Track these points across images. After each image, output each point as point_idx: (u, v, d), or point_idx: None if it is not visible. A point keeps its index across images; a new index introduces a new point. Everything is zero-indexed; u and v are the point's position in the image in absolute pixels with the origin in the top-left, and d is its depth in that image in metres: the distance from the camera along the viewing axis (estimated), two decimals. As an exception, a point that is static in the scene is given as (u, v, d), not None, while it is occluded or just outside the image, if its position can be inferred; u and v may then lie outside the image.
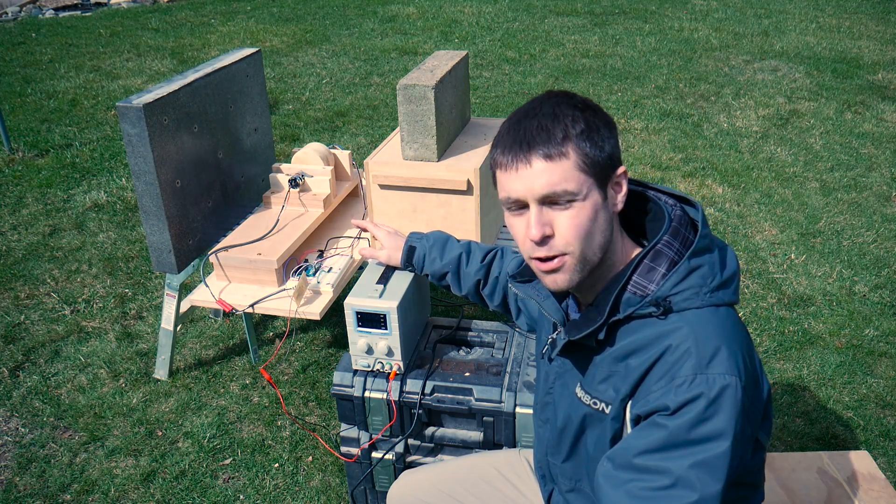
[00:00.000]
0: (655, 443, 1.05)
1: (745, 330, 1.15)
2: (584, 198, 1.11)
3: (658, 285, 1.12)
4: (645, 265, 1.13)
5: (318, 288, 2.43)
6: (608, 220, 1.15)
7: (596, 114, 1.15)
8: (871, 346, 2.93)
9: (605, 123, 1.15)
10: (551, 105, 1.14)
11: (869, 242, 3.62)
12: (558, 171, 1.10)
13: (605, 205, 1.14)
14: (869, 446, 2.46)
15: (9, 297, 3.34)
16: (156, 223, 2.39)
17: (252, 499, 2.35)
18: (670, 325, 1.10)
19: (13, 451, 2.54)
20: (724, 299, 1.12)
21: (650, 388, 1.08)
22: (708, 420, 1.03)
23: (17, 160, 4.63)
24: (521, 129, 1.14)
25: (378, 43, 6.89)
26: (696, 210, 1.19)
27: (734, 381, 1.04)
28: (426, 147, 2.39)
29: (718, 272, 1.13)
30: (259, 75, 2.79)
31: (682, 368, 1.06)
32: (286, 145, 4.72)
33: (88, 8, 8.61)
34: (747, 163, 4.46)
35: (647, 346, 1.11)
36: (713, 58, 6.34)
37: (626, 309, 1.13)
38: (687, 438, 1.04)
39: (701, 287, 1.11)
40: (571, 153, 1.11)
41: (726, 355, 1.06)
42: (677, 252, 1.13)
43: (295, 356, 2.94)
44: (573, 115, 1.12)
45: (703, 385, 1.04)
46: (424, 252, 1.82)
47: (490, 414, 1.82)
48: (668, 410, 1.05)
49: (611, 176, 1.15)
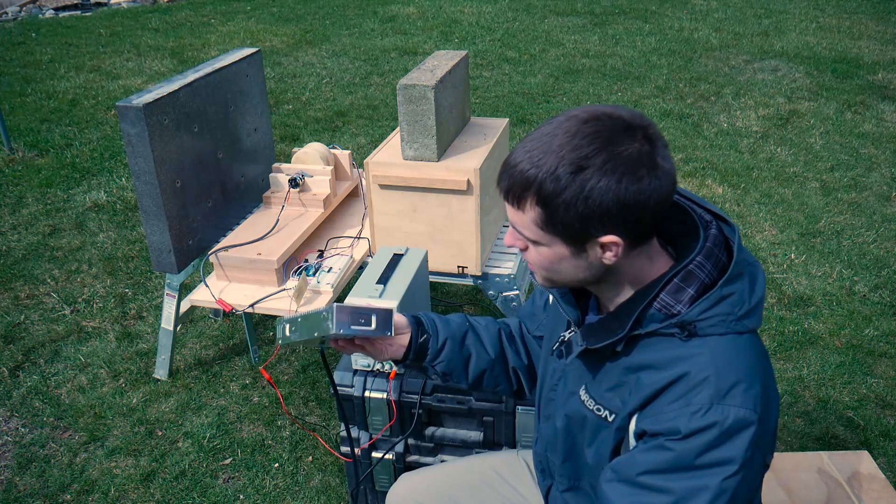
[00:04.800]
0: (661, 464, 1.05)
1: (765, 357, 1.12)
2: (546, 244, 1.10)
3: (686, 306, 1.08)
4: (674, 284, 1.09)
5: (318, 288, 2.43)
6: (584, 268, 1.11)
7: (591, 181, 1.00)
8: (871, 346, 2.93)
9: (598, 196, 1.01)
10: (555, 154, 1.02)
11: (869, 242, 3.62)
12: (519, 217, 1.09)
13: (581, 256, 1.09)
14: (869, 446, 2.46)
15: (9, 297, 3.34)
16: (156, 223, 2.39)
17: (252, 499, 2.35)
18: (691, 349, 1.07)
19: (13, 451, 2.54)
20: (749, 326, 1.09)
21: (663, 409, 1.07)
22: (717, 448, 1.03)
23: (17, 160, 4.62)
24: (513, 162, 1.07)
25: (378, 43, 6.89)
26: (731, 230, 1.14)
27: (750, 414, 1.03)
28: (426, 147, 2.39)
29: (747, 300, 1.09)
30: (259, 75, 2.79)
31: (699, 396, 1.04)
32: (286, 145, 4.71)
33: (88, 8, 8.61)
34: (747, 163, 4.46)
35: (663, 366, 1.09)
36: (713, 58, 6.34)
37: (650, 325, 1.10)
38: (693, 464, 1.04)
39: (728, 315, 1.08)
40: (530, 211, 1.06)
41: (744, 388, 1.04)
42: (708, 274, 1.09)
43: (295, 356, 2.94)
44: (556, 175, 1.01)
45: (718, 415, 1.03)
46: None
47: (490, 414, 1.82)
48: (679, 435, 1.04)
49: (586, 240, 1.07)
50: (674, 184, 1.06)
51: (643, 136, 1.02)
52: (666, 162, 1.04)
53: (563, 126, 1.04)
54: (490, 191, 2.53)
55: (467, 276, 2.51)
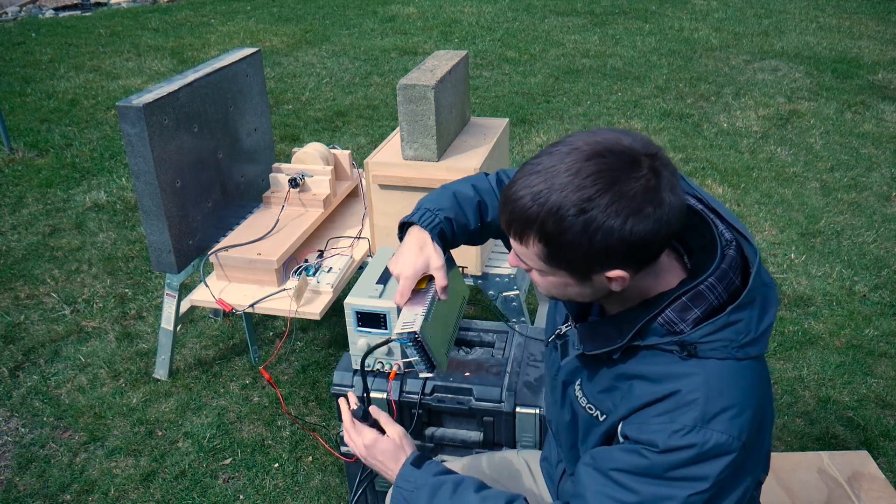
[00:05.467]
0: (634, 467, 1.07)
1: (764, 383, 1.11)
2: (550, 275, 1.10)
3: (690, 326, 1.07)
4: (682, 303, 1.07)
5: (318, 288, 2.43)
6: (589, 294, 1.12)
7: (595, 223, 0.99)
8: (871, 346, 2.93)
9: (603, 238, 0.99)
10: (557, 193, 1.00)
11: (869, 242, 3.62)
12: (522, 249, 1.08)
13: (586, 284, 1.09)
14: (869, 446, 2.46)
15: (9, 297, 3.34)
16: (156, 223, 2.39)
17: (252, 499, 2.35)
18: (687, 367, 1.07)
19: (13, 451, 2.54)
20: (751, 353, 1.07)
21: (647, 420, 1.08)
22: (690, 466, 1.04)
23: (17, 160, 4.62)
24: (517, 191, 1.04)
25: (378, 43, 6.89)
26: (753, 251, 1.11)
27: (732, 442, 1.03)
28: (426, 147, 2.39)
29: (754, 328, 1.07)
30: (259, 75, 2.79)
31: (684, 416, 1.04)
32: (286, 145, 4.71)
33: (88, 8, 8.61)
34: (747, 163, 4.45)
35: (656, 380, 1.09)
36: (713, 58, 6.34)
37: (651, 338, 1.09)
38: (663, 475, 1.05)
39: (731, 341, 1.06)
40: (533, 246, 1.06)
41: (732, 414, 1.04)
42: (718, 297, 1.07)
43: (295, 356, 2.94)
44: (559, 215, 1.00)
45: (699, 437, 1.03)
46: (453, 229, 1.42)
47: (490, 414, 1.82)
48: (657, 448, 1.05)
49: (592, 273, 1.06)
50: (682, 213, 1.04)
51: (649, 168, 1.00)
52: (672, 195, 1.01)
53: (566, 162, 1.01)
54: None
55: (467, 276, 2.51)
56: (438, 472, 1.26)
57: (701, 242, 1.14)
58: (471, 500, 1.20)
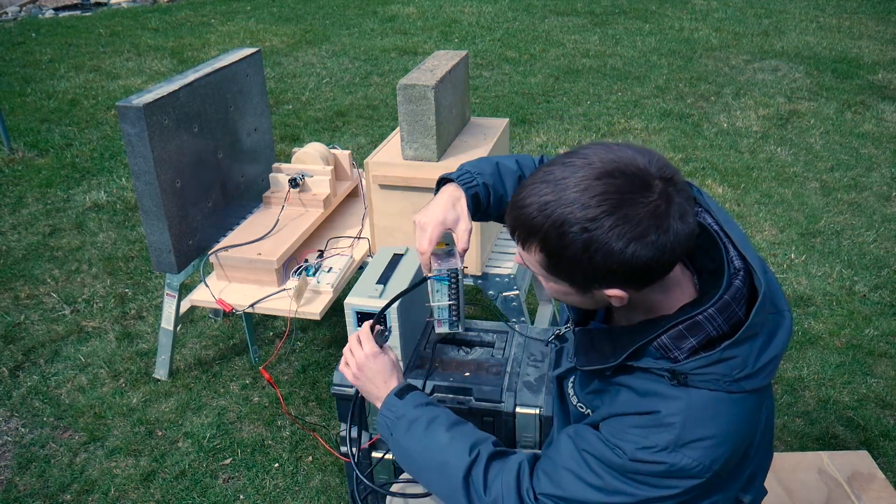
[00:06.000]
0: (604, 458, 1.10)
1: (758, 420, 1.10)
2: (551, 281, 1.10)
3: (684, 354, 1.06)
4: (678, 331, 1.06)
5: (318, 288, 2.43)
6: (591, 303, 1.13)
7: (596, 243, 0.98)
8: (871, 346, 2.93)
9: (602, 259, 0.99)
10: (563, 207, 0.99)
11: (869, 242, 3.62)
12: (525, 255, 1.09)
13: (586, 296, 1.09)
14: (869, 446, 2.46)
15: (9, 297, 3.34)
16: (156, 223, 2.39)
17: (252, 499, 2.35)
18: (672, 392, 1.07)
19: (13, 451, 2.54)
20: (746, 388, 1.05)
21: (624, 427, 1.09)
22: (656, 478, 1.06)
23: (17, 160, 4.62)
24: (525, 198, 1.03)
25: (378, 43, 6.89)
26: (759, 281, 1.08)
27: (702, 470, 1.05)
28: (426, 147, 2.39)
29: (751, 363, 1.05)
30: (259, 75, 2.79)
31: (658, 436, 1.05)
32: (286, 145, 4.71)
33: (88, 8, 8.61)
34: (747, 163, 4.46)
35: (641, 394, 1.09)
36: (713, 58, 6.34)
37: (645, 360, 1.09)
38: (627, 476, 1.08)
39: (724, 376, 1.05)
40: (535, 254, 1.06)
41: (708, 445, 1.04)
42: (717, 328, 1.05)
43: (295, 356, 2.94)
44: (562, 231, 0.99)
45: (668, 458, 1.04)
46: (489, 193, 1.43)
47: (490, 414, 1.82)
48: (625, 455, 1.07)
49: (591, 288, 1.07)
50: (689, 241, 1.02)
51: (660, 193, 0.98)
52: (681, 223, 0.99)
53: (577, 176, 0.99)
54: (490, 191, 2.53)
55: (467, 276, 2.51)
56: (417, 405, 1.32)
57: (711, 266, 1.12)
58: (441, 437, 1.26)
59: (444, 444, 1.25)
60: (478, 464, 1.22)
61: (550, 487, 1.15)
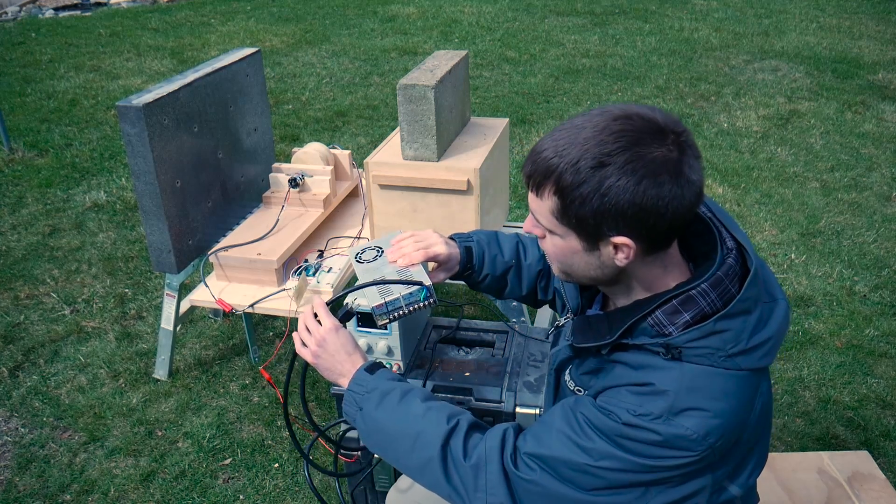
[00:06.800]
0: (598, 422, 1.08)
1: (753, 400, 1.09)
2: (561, 235, 1.10)
3: (677, 329, 1.06)
4: (672, 305, 1.07)
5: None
6: (596, 266, 1.10)
7: (610, 179, 0.99)
8: (871, 346, 2.93)
9: (615, 195, 1.00)
10: (579, 147, 1.02)
11: (869, 242, 3.62)
12: (537, 204, 1.09)
13: (593, 253, 1.09)
14: (869, 446, 2.46)
15: (9, 297, 3.34)
16: (156, 223, 2.39)
17: (252, 499, 2.34)
18: (666, 365, 1.07)
19: (13, 451, 2.54)
20: (741, 365, 1.05)
21: (621, 393, 1.09)
22: (648, 446, 1.05)
23: (17, 160, 4.62)
24: (540, 149, 1.06)
25: (378, 43, 6.89)
26: (751, 261, 1.10)
27: (698, 440, 1.03)
28: (426, 147, 2.39)
29: (745, 339, 1.05)
30: (259, 75, 2.79)
31: (652, 404, 1.04)
32: (286, 145, 4.71)
33: (88, 8, 8.61)
34: (747, 163, 4.45)
35: (636, 367, 1.09)
36: (713, 58, 6.34)
37: (639, 337, 1.09)
38: (619, 441, 1.06)
39: (717, 351, 1.05)
40: (547, 200, 1.06)
41: (702, 417, 1.03)
42: (710, 304, 1.06)
43: (295, 356, 2.94)
44: (577, 167, 1.01)
45: (664, 428, 1.03)
46: (483, 250, 1.52)
47: (490, 414, 1.82)
48: (619, 420, 1.06)
49: (599, 238, 1.06)
50: (697, 196, 1.05)
51: (674, 143, 1.01)
52: (693, 173, 1.02)
53: (594, 120, 1.03)
54: (490, 191, 2.53)
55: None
56: (391, 379, 1.28)
57: (706, 250, 1.14)
58: (416, 407, 1.23)
59: (419, 414, 1.21)
60: (457, 432, 1.19)
61: (535, 447, 1.13)
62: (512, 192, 4.08)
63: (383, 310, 1.34)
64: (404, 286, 1.34)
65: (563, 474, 1.10)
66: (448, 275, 1.49)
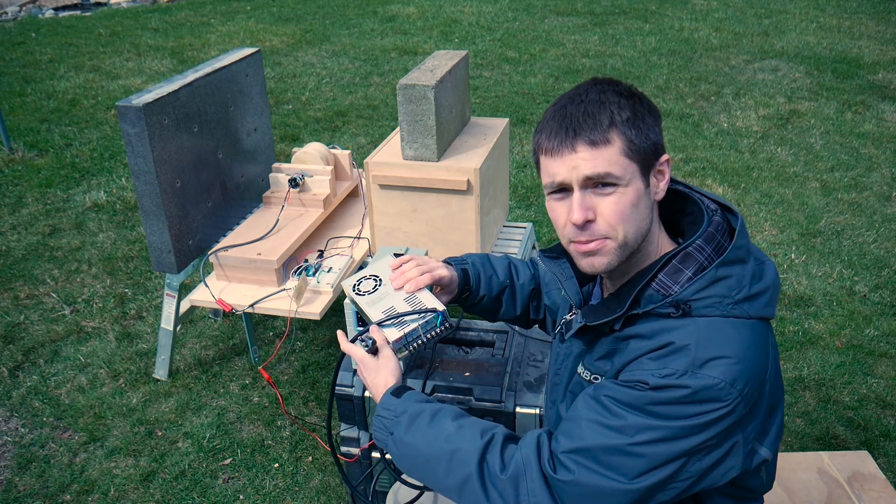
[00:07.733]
0: (626, 397, 1.09)
1: (767, 348, 1.12)
2: (626, 184, 1.12)
3: (682, 287, 1.12)
4: (672, 265, 1.14)
5: (318, 288, 2.43)
6: (649, 208, 1.16)
7: (641, 101, 1.15)
8: (871, 346, 2.93)
9: (649, 111, 1.15)
10: (597, 92, 1.14)
11: (869, 242, 3.62)
12: (603, 156, 1.11)
13: (647, 192, 1.15)
14: (869, 446, 2.46)
15: (9, 297, 3.34)
16: (156, 223, 2.39)
17: (252, 499, 2.34)
18: (680, 323, 1.10)
19: (13, 451, 2.54)
20: (749, 312, 1.10)
21: (641, 364, 1.11)
22: (679, 405, 1.05)
23: (17, 160, 4.62)
24: (566, 115, 1.13)
25: (378, 43, 6.89)
26: (736, 219, 1.18)
27: (725, 387, 1.05)
28: (426, 147, 2.39)
29: (747, 285, 1.11)
30: (259, 75, 2.79)
31: (675, 361, 1.07)
32: (286, 145, 4.71)
33: (88, 8, 8.61)
34: (747, 163, 4.45)
35: (650, 336, 1.12)
36: (713, 58, 6.34)
37: (647, 305, 1.13)
38: (650, 408, 1.07)
39: (724, 297, 1.10)
40: (616, 139, 1.11)
41: (726, 363, 1.05)
42: (708, 258, 1.13)
43: (295, 356, 2.94)
44: (619, 102, 1.12)
45: (690, 381, 1.05)
46: (479, 271, 1.54)
47: (490, 414, 1.82)
48: (647, 386, 1.07)
49: (654, 164, 1.15)
50: None
51: None
52: None
53: (584, 85, 1.17)
54: (490, 191, 2.53)
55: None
56: (419, 401, 1.27)
57: (689, 220, 1.22)
58: (447, 427, 1.21)
59: (453, 433, 1.20)
60: (493, 446, 1.18)
61: (569, 443, 1.12)
62: (512, 192, 4.08)
63: (402, 343, 1.33)
64: (418, 314, 1.33)
65: (603, 463, 1.09)
66: (450, 297, 1.49)
